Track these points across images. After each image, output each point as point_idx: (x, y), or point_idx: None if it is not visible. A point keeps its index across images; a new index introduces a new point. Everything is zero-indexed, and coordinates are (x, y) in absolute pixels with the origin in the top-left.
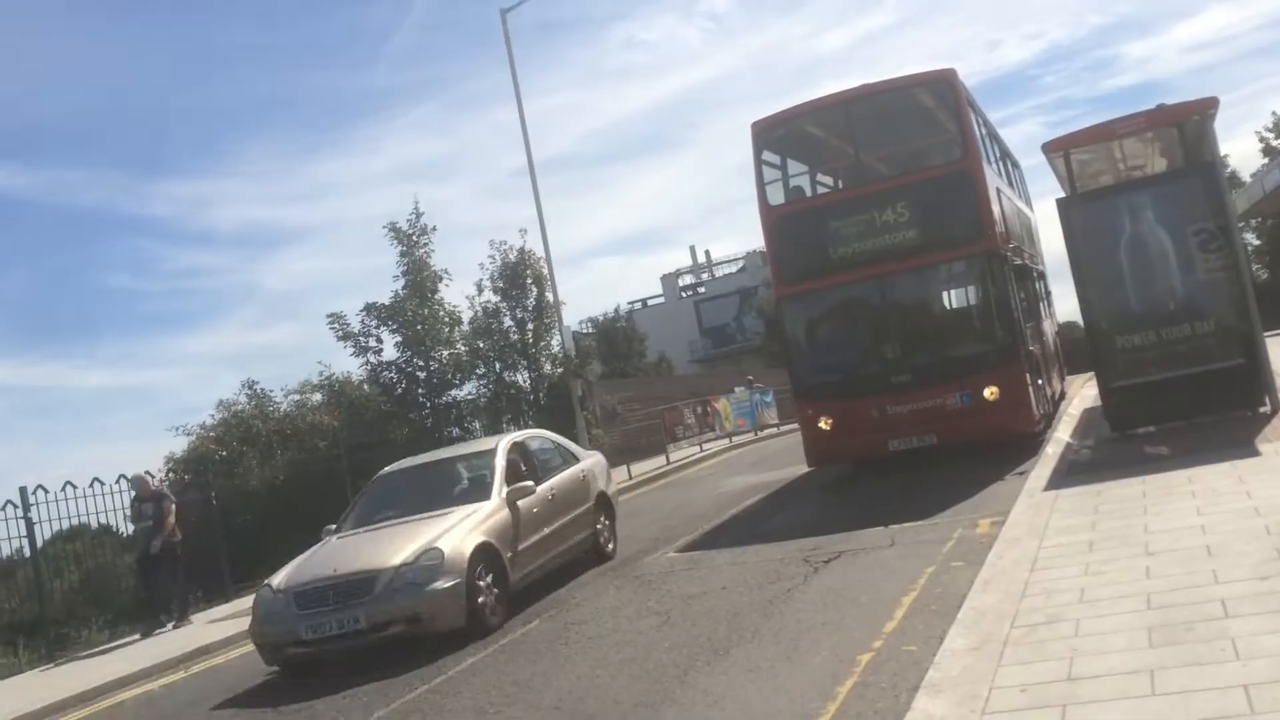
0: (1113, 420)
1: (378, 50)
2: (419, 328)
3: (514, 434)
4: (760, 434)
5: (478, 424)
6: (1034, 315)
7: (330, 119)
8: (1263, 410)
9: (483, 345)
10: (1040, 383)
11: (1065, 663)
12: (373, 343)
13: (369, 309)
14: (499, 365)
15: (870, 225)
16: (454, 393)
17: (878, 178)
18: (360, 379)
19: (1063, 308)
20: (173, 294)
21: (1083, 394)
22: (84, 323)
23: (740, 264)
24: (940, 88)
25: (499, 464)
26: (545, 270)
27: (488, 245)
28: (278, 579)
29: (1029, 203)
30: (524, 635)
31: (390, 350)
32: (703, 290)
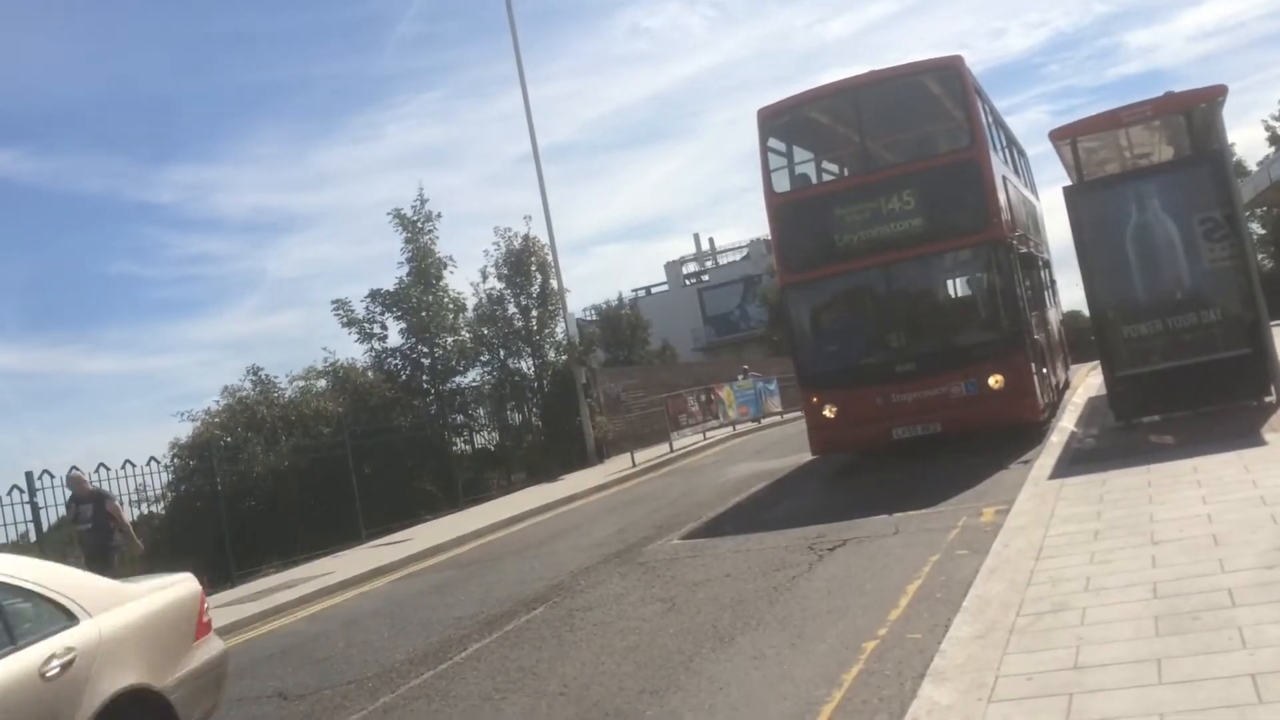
0: (1118, 409)
1: (383, 37)
2: (423, 314)
3: None
4: (763, 422)
5: (482, 410)
6: (1039, 304)
7: (335, 106)
8: (1268, 400)
9: (487, 332)
10: (1045, 371)
11: (1071, 651)
12: (377, 329)
13: (374, 295)
14: (503, 352)
15: (876, 213)
16: (458, 379)
17: (883, 165)
18: (365, 365)
19: (1068, 296)
20: (178, 280)
21: (1087, 383)
22: (89, 309)
23: (744, 252)
24: (947, 75)
25: None
26: (549, 257)
27: (492, 232)
28: None
29: (1035, 191)
30: (528, 622)
31: (395, 337)
32: (706, 278)
